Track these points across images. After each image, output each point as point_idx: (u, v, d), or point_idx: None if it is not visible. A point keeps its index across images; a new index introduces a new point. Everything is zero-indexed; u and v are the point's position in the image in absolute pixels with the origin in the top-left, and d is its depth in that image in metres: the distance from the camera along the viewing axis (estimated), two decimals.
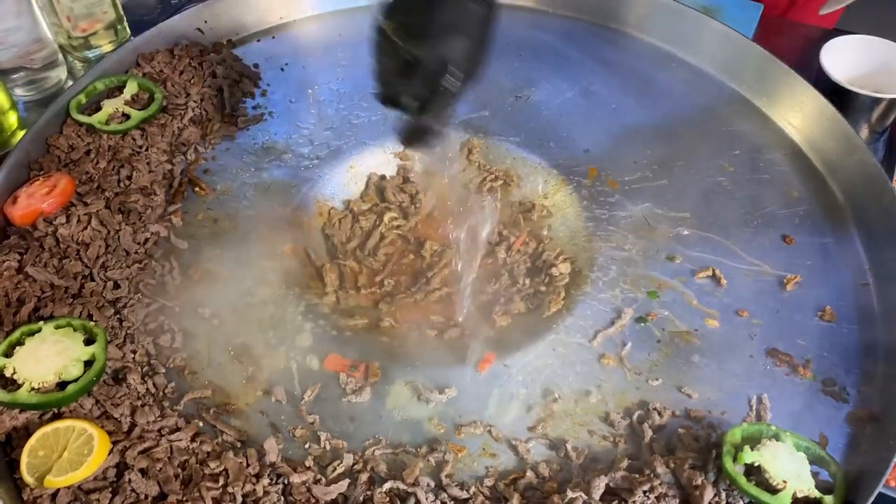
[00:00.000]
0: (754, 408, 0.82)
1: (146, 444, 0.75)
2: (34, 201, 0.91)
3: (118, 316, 0.85)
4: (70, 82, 1.20)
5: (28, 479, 0.71)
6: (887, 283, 0.92)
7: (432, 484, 0.76)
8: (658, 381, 0.84)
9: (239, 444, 0.77)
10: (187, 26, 1.17)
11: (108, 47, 1.24)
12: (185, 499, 0.72)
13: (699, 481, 0.73)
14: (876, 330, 0.89)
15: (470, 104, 1.12)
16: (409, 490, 0.75)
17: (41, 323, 0.82)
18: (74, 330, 0.82)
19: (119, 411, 0.77)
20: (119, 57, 1.10)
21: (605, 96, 1.14)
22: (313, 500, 0.73)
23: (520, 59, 1.20)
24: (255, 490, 0.73)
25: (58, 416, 0.77)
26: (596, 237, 0.98)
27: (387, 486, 0.75)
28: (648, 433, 0.79)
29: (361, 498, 0.74)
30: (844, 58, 1.14)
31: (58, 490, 0.71)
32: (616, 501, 0.73)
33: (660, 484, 0.74)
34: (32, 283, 0.86)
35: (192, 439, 0.77)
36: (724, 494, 0.73)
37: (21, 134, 1.09)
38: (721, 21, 1.17)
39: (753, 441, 0.76)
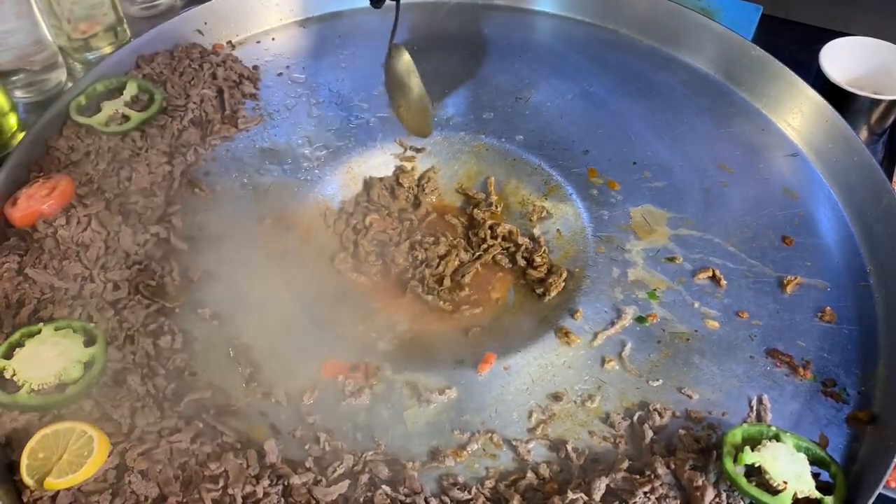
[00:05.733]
0: (755, 408, 0.82)
1: (146, 446, 0.75)
2: (34, 203, 0.91)
3: (118, 317, 0.85)
4: (70, 84, 1.20)
5: (28, 481, 0.71)
6: (887, 283, 0.92)
7: (433, 485, 0.76)
8: (658, 382, 0.84)
9: (239, 446, 0.77)
10: (187, 28, 1.17)
11: (107, 49, 1.24)
12: (185, 500, 0.72)
13: (700, 482, 0.73)
14: (876, 331, 0.89)
15: (471, 106, 1.13)
16: (409, 491, 0.75)
17: (41, 324, 0.81)
18: (74, 331, 0.82)
19: (119, 413, 0.77)
20: (119, 58, 1.10)
21: (605, 98, 1.14)
22: (314, 502, 0.73)
23: (520, 60, 1.20)
24: (255, 491, 0.73)
25: (58, 418, 0.76)
26: (596, 238, 0.98)
27: (387, 487, 0.75)
28: (649, 434, 0.79)
29: (362, 499, 0.74)
30: (844, 59, 1.14)
31: (58, 492, 0.71)
32: (617, 502, 0.73)
33: (660, 485, 0.74)
34: (32, 284, 0.86)
35: (192, 441, 0.76)
36: (724, 495, 0.73)
37: (21, 135, 1.09)
38: (720, 22, 1.17)
39: (754, 442, 0.76)
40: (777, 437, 0.76)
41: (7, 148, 1.09)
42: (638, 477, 0.75)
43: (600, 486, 0.74)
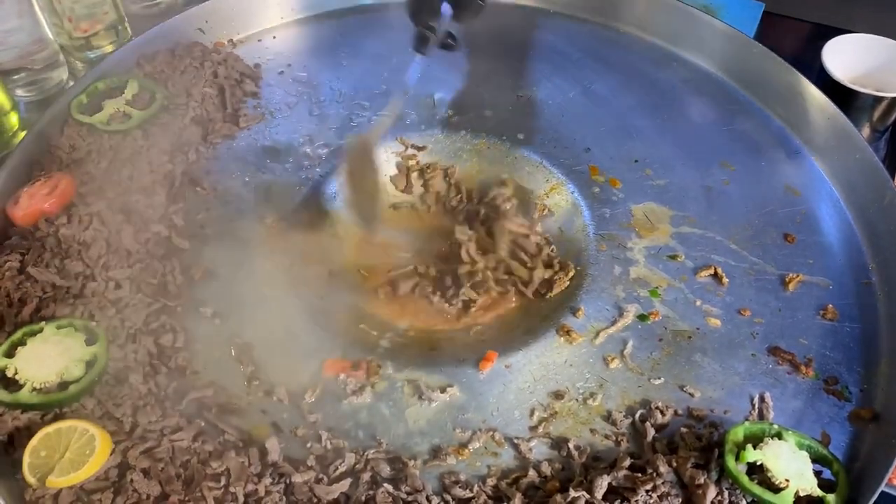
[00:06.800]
0: (756, 406, 0.82)
1: (148, 444, 0.75)
2: (36, 201, 0.91)
3: (120, 316, 0.85)
4: (71, 83, 1.20)
5: (30, 479, 0.71)
6: (889, 281, 0.92)
7: (434, 483, 0.76)
8: (660, 380, 0.84)
9: (241, 444, 0.77)
10: (188, 26, 1.17)
11: (109, 48, 1.24)
12: (187, 498, 0.72)
13: (702, 480, 0.73)
14: (878, 328, 0.89)
15: (472, 104, 1.12)
16: (411, 489, 0.75)
17: (43, 323, 0.82)
18: (76, 330, 0.82)
19: (121, 411, 0.77)
20: (120, 57, 1.10)
21: (607, 95, 1.14)
22: (315, 500, 0.73)
23: (521, 58, 1.19)
24: (256, 490, 0.73)
25: (60, 417, 0.77)
26: (598, 236, 0.98)
27: (388, 485, 0.75)
28: (651, 432, 0.79)
29: (363, 497, 0.74)
30: (846, 57, 1.13)
31: (60, 490, 0.71)
32: (618, 500, 0.73)
33: (662, 483, 0.74)
34: (34, 283, 0.86)
35: (194, 439, 0.77)
36: (726, 493, 0.73)
37: (22, 134, 1.09)
38: (722, 20, 1.17)
39: (756, 440, 0.76)
40: (779, 435, 0.76)
41: (8, 147, 1.09)
42: (640, 475, 0.75)
43: (602, 485, 0.74)
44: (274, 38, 1.23)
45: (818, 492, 0.73)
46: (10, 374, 0.78)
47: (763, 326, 0.89)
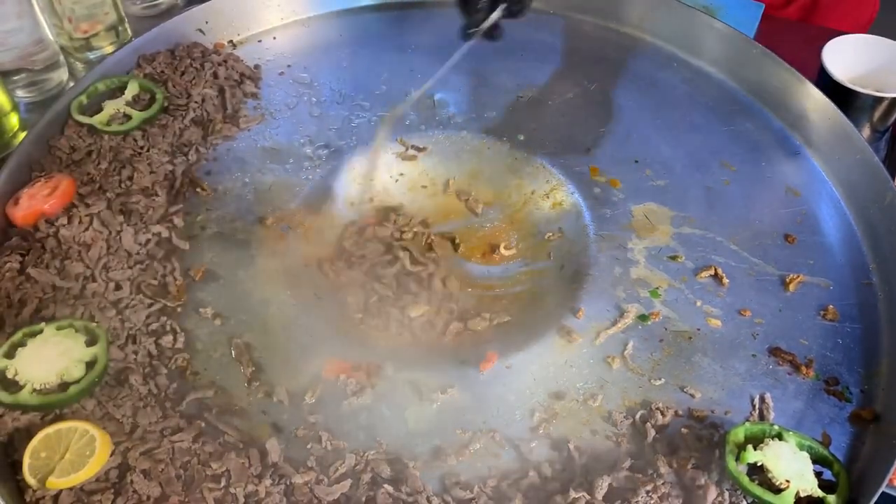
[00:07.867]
0: (757, 407, 0.82)
1: (148, 445, 0.75)
2: (36, 202, 0.91)
3: (120, 317, 0.85)
4: (71, 83, 1.20)
5: (30, 480, 0.71)
6: (890, 281, 0.92)
7: (435, 484, 0.76)
8: (661, 381, 0.84)
9: (241, 445, 0.77)
10: (188, 27, 1.17)
11: (109, 48, 1.24)
12: (187, 500, 0.72)
13: (702, 481, 0.73)
14: (879, 329, 0.89)
15: (472, 105, 1.12)
16: (411, 490, 0.75)
17: (43, 324, 0.81)
18: (76, 331, 0.82)
19: (121, 412, 0.77)
20: (120, 58, 1.10)
21: (607, 96, 1.14)
22: (316, 501, 0.73)
23: (521, 58, 1.19)
24: (257, 490, 0.73)
25: (60, 418, 0.77)
26: (598, 236, 0.98)
27: (389, 486, 0.74)
28: (651, 433, 0.79)
29: (364, 498, 0.74)
30: (846, 57, 1.13)
31: (60, 491, 0.71)
32: (619, 501, 0.73)
33: (663, 484, 0.74)
34: (34, 284, 0.86)
35: (194, 440, 0.76)
36: (727, 494, 0.73)
37: (22, 135, 1.09)
38: (722, 20, 1.17)
39: (756, 440, 0.76)
40: (779, 436, 0.76)
41: (9, 147, 1.09)
42: (640, 476, 0.74)
43: (602, 485, 0.74)
44: (274, 38, 1.23)
45: (819, 492, 0.73)
46: (10, 375, 0.78)
47: (763, 327, 0.89)
